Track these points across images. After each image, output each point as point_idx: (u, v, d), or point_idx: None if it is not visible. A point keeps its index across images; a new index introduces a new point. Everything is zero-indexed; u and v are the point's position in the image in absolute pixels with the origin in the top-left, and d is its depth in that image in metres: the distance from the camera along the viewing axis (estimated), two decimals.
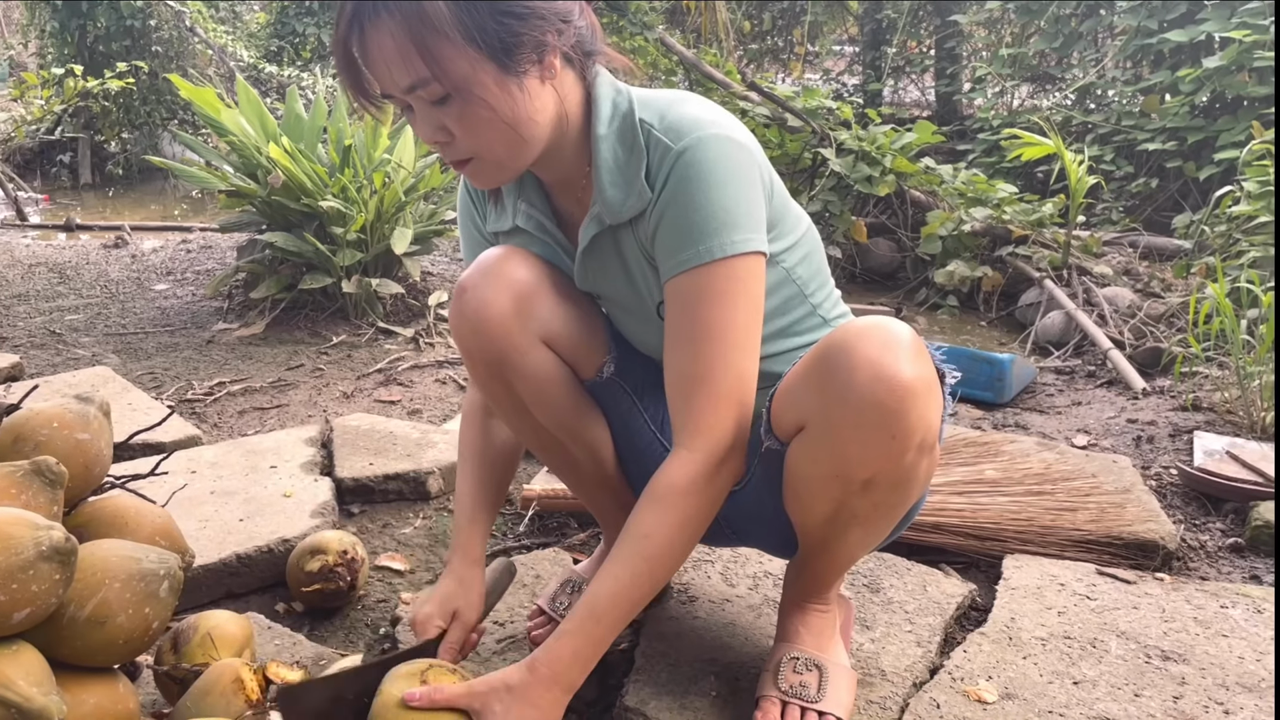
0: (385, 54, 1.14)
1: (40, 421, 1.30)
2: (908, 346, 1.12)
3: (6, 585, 1.07)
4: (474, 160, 1.23)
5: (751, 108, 4.99)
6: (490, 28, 1.13)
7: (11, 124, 6.92)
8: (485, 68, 1.14)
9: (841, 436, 1.15)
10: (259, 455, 2.27)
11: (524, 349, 1.36)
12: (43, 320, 3.81)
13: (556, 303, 1.37)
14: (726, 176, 1.20)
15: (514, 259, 1.35)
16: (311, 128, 3.91)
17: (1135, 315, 3.55)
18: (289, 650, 1.55)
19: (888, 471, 1.17)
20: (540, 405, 1.42)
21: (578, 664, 1.21)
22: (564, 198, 1.38)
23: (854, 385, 1.11)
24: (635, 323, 1.40)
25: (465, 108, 1.16)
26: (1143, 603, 1.69)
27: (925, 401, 1.13)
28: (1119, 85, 6.07)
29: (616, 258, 1.33)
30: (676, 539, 1.23)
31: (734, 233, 1.20)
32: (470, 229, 1.50)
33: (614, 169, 1.26)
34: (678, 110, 1.25)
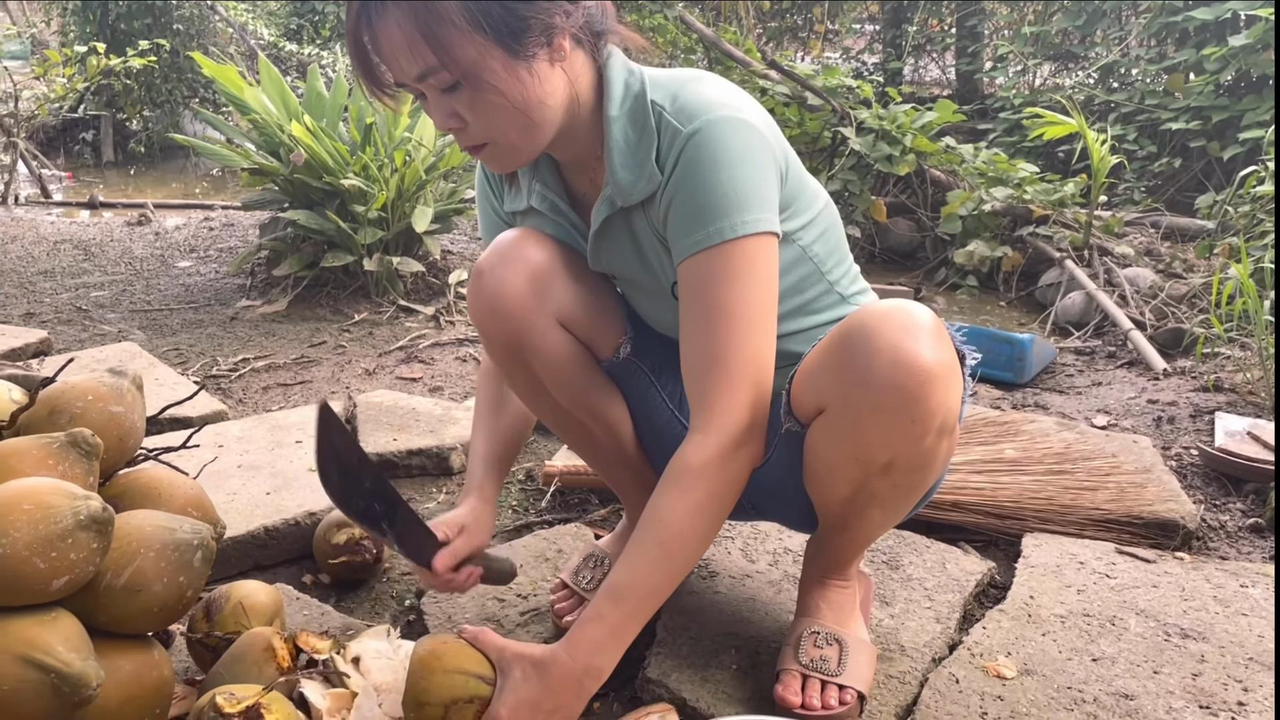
0: (394, 44, 1.14)
1: (75, 394, 1.32)
2: (928, 330, 1.12)
3: (46, 553, 1.09)
4: (488, 145, 1.24)
5: (771, 86, 4.97)
6: (496, 13, 1.13)
7: (35, 102, 6.96)
8: (493, 53, 1.14)
9: (861, 420, 1.15)
10: (284, 430, 2.30)
11: (541, 330, 1.37)
12: (69, 296, 3.85)
13: (572, 284, 1.38)
14: (736, 157, 1.20)
15: (530, 241, 1.36)
16: (333, 106, 3.92)
17: (1157, 296, 3.54)
18: (317, 620, 1.58)
19: (907, 454, 1.18)
20: (558, 385, 1.43)
21: (599, 650, 1.20)
22: (578, 178, 1.39)
23: (874, 369, 1.12)
24: (650, 302, 1.41)
25: (475, 94, 1.17)
26: (1162, 581, 1.70)
27: (945, 385, 1.13)
28: (1143, 64, 6.02)
29: (629, 239, 1.33)
30: (694, 522, 1.22)
31: (745, 213, 1.20)
32: (488, 209, 1.51)
33: (625, 151, 1.26)
34: (690, 91, 1.24)
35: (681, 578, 1.24)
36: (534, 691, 1.19)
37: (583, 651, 1.20)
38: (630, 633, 1.22)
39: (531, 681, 1.20)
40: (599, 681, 1.22)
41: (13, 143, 6.13)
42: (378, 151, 3.64)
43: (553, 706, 1.20)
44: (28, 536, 1.08)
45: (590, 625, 1.21)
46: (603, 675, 1.22)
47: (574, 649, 1.20)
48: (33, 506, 1.09)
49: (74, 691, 1.08)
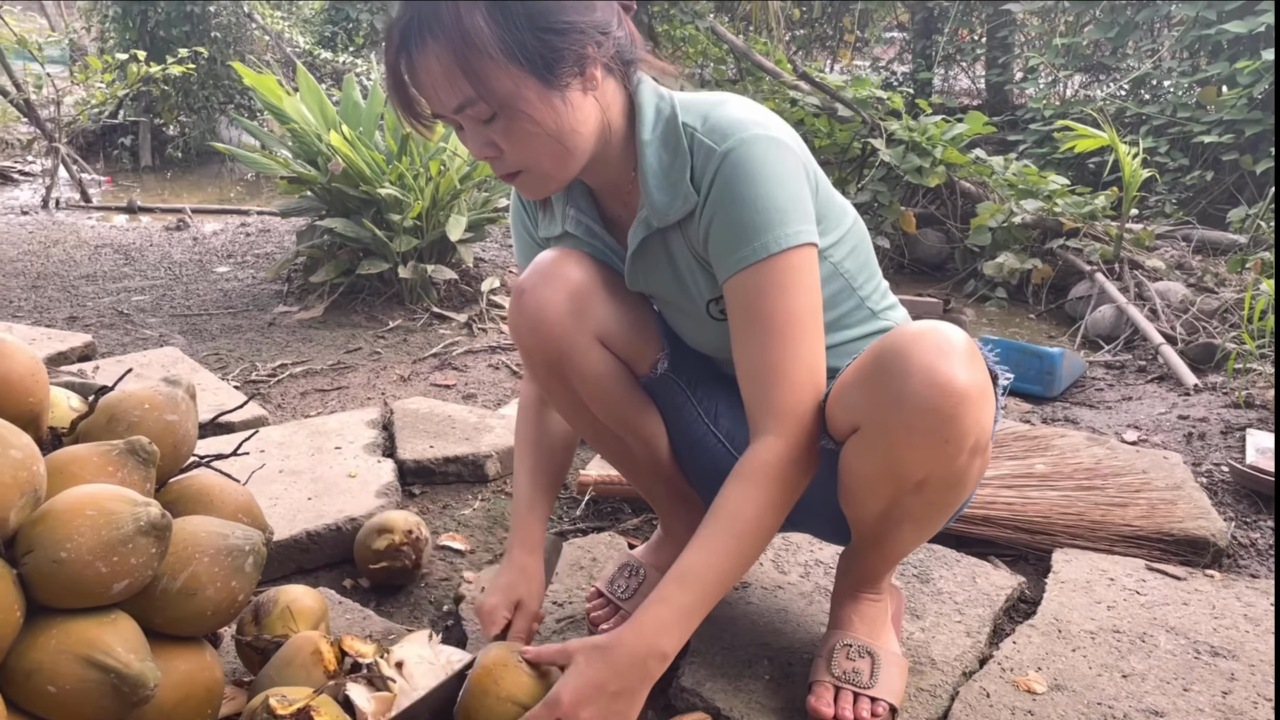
0: (433, 77, 1.18)
1: (133, 403, 1.37)
2: (962, 351, 1.15)
3: (108, 558, 1.13)
4: (523, 173, 1.27)
5: (801, 97, 5.00)
6: (531, 45, 1.17)
7: (76, 107, 7.08)
8: (528, 84, 1.18)
9: (895, 440, 1.18)
10: (323, 436, 2.35)
11: (581, 348, 1.40)
12: (111, 300, 3.93)
13: (611, 303, 1.42)
14: (773, 173, 1.23)
15: (569, 261, 1.40)
16: (369, 115, 3.99)
17: (1188, 310, 3.53)
18: (359, 624, 1.62)
19: (940, 473, 1.20)
20: (597, 401, 1.47)
21: (665, 631, 1.22)
22: (611, 201, 1.43)
23: (908, 391, 1.14)
24: (686, 320, 1.44)
25: (511, 124, 1.20)
26: (1193, 599, 1.71)
27: (978, 406, 1.16)
28: (1175, 76, 5.99)
29: (665, 259, 1.37)
30: (764, 518, 1.25)
31: (786, 226, 1.23)
32: (523, 234, 1.55)
33: (659, 173, 1.30)
34: (719, 112, 1.28)
35: (745, 571, 1.28)
36: (598, 673, 1.21)
37: (648, 632, 1.22)
38: (695, 618, 1.24)
39: (595, 664, 1.21)
40: (664, 664, 1.23)
41: (54, 147, 6.25)
42: (413, 161, 3.69)
43: (618, 688, 1.20)
44: (91, 541, 1.12)
45: (656, 607, 1.23)
46: (667, 659, 1.23)
47: (639, 630, 1.22)
48: (95, 512, 1.14)
49: (133, 691, 1.12)
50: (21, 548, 1.14)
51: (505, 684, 1.25)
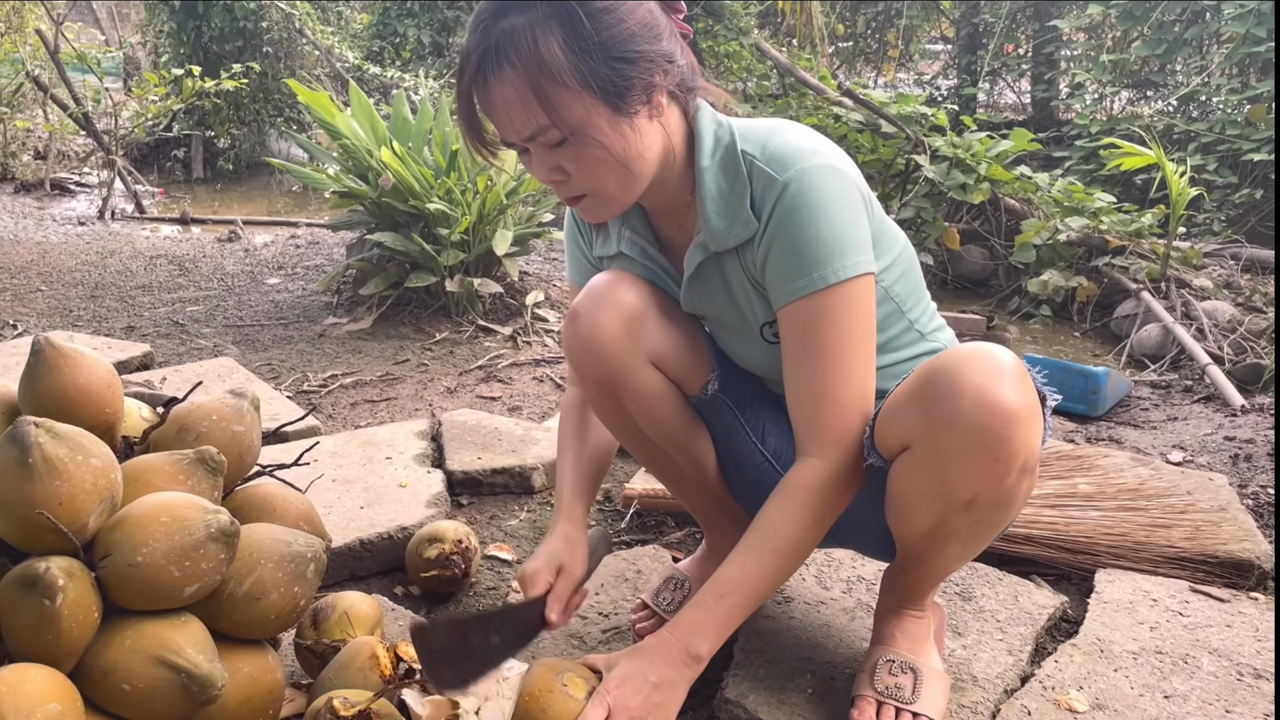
0: (508, 104, 1.22)
1: (201, 414, 1.43)
2: (1012, 373, 1.17)
3: (180, 562, 1.19)
4: (588, 197, 1.31)
5: (845, 113, 5.02)
6: (604, 73, 1.21)
7: (131, 120, 7.27)
8: (599, 111, 1.22)
9: (945, 459, 1.21)
10: (374, 446, 2.40)
11: (634, 369, 1.44)
12: (166, 310, 4.03)
13: (663, 325, 1.46)
14: (833, 204, 1.27)
15: (624, 284, 1.44)
16: (418, 131, 4.06)
17: (1235, 330, 3.50)
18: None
19: (989, 493, 1.23)
20: (648, 421, 1.51)
21: (699, 634, 1.30)
22: (667, 224, 1.46)
23: (959, 411, 1.17)
24: (739, 342, 1.47)
25: (581, 149, 1.24)
26: (1236, 621, 1.71)
27: (1028, 426, 1.18)
28: (1224, 93, 5.94)
29: (721, 282, 1.40)
30: (804, 536, 1.31)
31: (845, 257, 1.27)
32: (576, 253, 1.60)
33: (718, 199, 1.34)
34: (778, 140, 1.31)
35: (780, 584, 1.35)
36: (638, 663, 1.29)
37: (683, 630, 1.30)
38: (730, 626, 1.31)
39: (635, 657, 1.30)
40: (698, 666, 1.31)
41: (111, 159, 6.41)
42: (461, 176, 3.76)
43: (657, 678, 1.28)
44: (165, 546, 1.18)
45: (693, 610, 1.31)
46: (701, 661, 1.31)
47: (675, 628, 1.31)
48: (169, 519, 1.19)
49: (201, 691, 1.17)
50: (100, 551, 1.20)
51: (552, 711, 1.27)
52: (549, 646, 1.65)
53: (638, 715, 1.26)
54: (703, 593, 1.32)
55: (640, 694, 1.27)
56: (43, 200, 6.78)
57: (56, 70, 6.71)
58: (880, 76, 9.30)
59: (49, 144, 7.65)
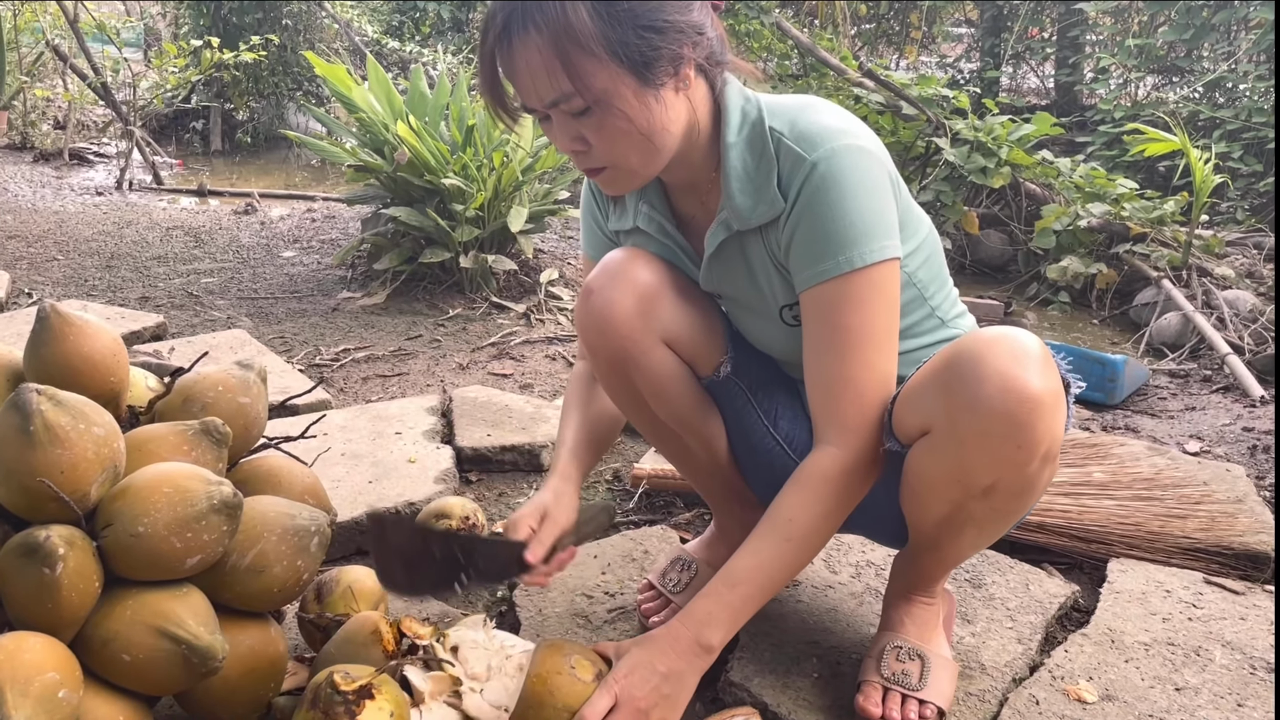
0: (531, 68, 1.19)
1: (207, 385, 1.42)
2: (1037, 358, 1.15)
3: (182, 534, 1.18)
4: (608, 169, 1.28)
5: (866, 94, 4.96)
6: (632, 42, 1.18)
7: (150, 91, 7.26)
8: (625, 81, 1.19)
9: (967, 444, 1.18)
10: (384, 421, 2.40)
11: (646, 349, 1.42)
12: (181, 282, 4.03)
13: (677, 304, 1.43)
14: (861, 187, 1.24)
15: (638, 261, 1.41)
16: (435, 106, 4.04)
17: (1257, 320, 3.46)
18: (417, 606, 1.66)
19: (1010, 480, 1.21)
20: (659, 401, 1.49)
21: (710, 625, 1.28)
22: (686, 200, 1.44)
23: (983, 395, 1.14)
24: (756, 322, 1.45)
25: (604, 119, 1.21)
26: (1250, 614, 1.69)
27: (1052, 413, 1.16)
28: (1251, 80, 5.85)
29: (742, 262, 1.38)
30: (819, 525, 1.29)
31: (871, 241, 1.24)
32: (591, 224, 1.57)
33: (743, 176, 1.31)
34: (808, 118, 1.28)
35: (795, 574, 1.33)
36: (648, 653, 1.27)
37: (694, 620, 1.28)
38: (743, 616, 1.29)
39: (644, 647, 1.28)
40: (709, 657, 1.29)
41: (129, 130, 6.41)
42: (477, 152, 3.74)
43: (666, 668, 1.26)
44: (167, 517, 1.17)
45: (704, 600, 1.29)
46: (713, 651, 1.29)
47: (686, 618, 1.28)
48: (172, 490, 1.19)
49: (202, 662, 1.17)
50: (102, 521, 1.19)
51: (560, 694, 1.26)
52: (555, 627, 1.64)
53: (644, 706, 1.24)
54: (715, 582, 1.29)
55: (648, 684, 1.25)
56: (61, 170, 6.79)
57: (76, 40, 6.70)
58: (903, 59, 9.20)
59: (68, 114, 7.66)
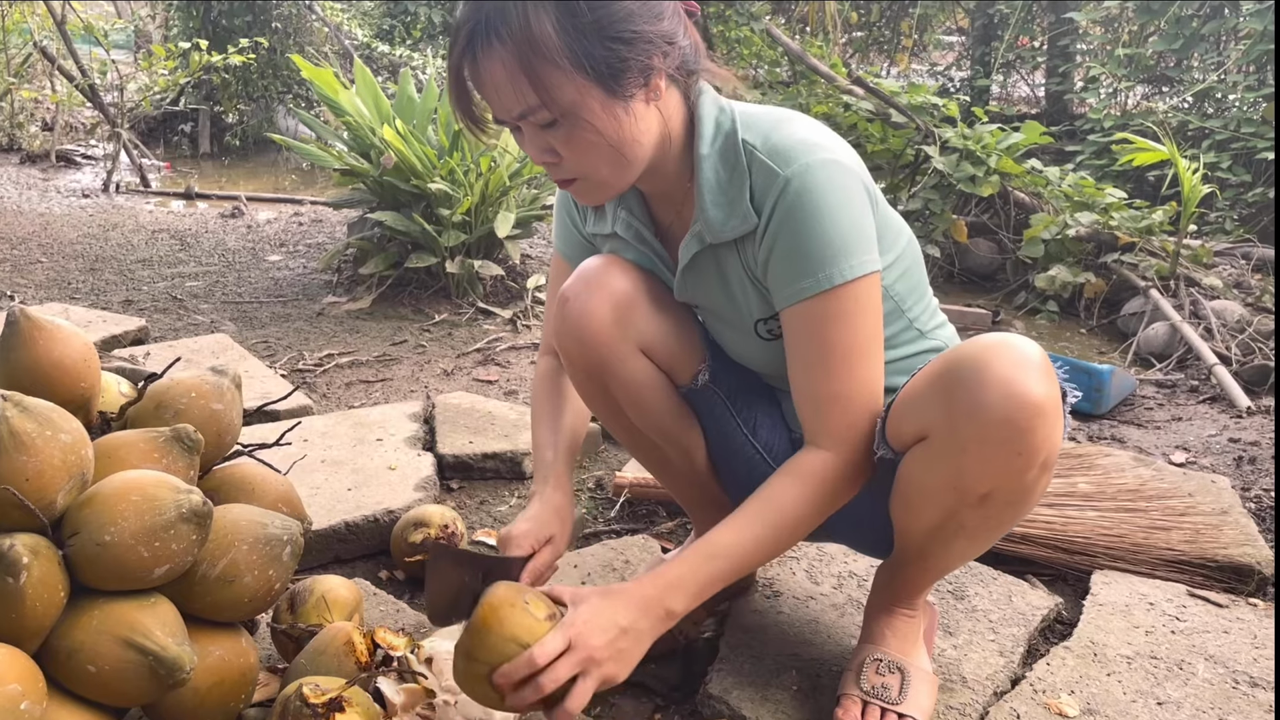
0: (496, 81, 1.17)
1: (180, 391, 1.39)
2: (1039, 365, 1.14)
3: (149, 543, 1.16)
4: (580, 180, 1.27)
5: (855, 102, 4.96)
6: (598, 54, 1.16)
7: (139, 93, 7.23)
8: (592, 93, 1.17)
9: (967, 451, 1.17)
10: (366, 427, 2.38)
11: (623, 357, 1.41)
12: (165, 285, 4.01)
13: (654, 312, 1.42)
14: (837, 202, 1.22)
15: (615, 269, 1.40)
16: (423, 110, 4.02)
17: (1244, 330, 3.46)
18: (393, 617, 1.64)
19: (1007, 488, 1.19)
20: (637, 410, 1.47)
21: (678, 590, 1.23)
22: (663, 209, 1.42)
23: (984, 402, 1.13)
24: (731, 334, 1.44)
25: (572, 131, 1.20)
26: (1234, 627, 1.68)
27: (1052, 421, 1.15)
28: (1240, 90, 5.86)
29: (716, 274, 1.36)
30: (805, 518, 1.27)
31: (850, 257, 1.23)
32: (566, 223, 1.55)
33: (716, 189, 1.29)
34: (781, 132, 1.26)
35: (769, 559, 1.32)
36: (610, 605, 1.20)
37: (664, 581, 1.23)
38: (710, 590, 1.25)
39: (608, 599, 1.21)
40: (670, 622, 1.24)
41: (116, 132, 6.38)
42: (464, 157, 3.72)
43: (627, 624, 1.19)
44: (134, 526, 1.15)
45: (676, 564, 1.24)
46: (674, 617, 1.24)
47: (656, 578, 1.23)
48: (139, 498, 1.16)
49: (169, 674, 1.15)
50: (68, 530, 1.17)
51: (509, 625, 1.18)
52: None
53: (599, 657, 1.17)
54: (693, 551, 1.26)
55: (606, 635, 1.18)
56: (48, 172, 6.75)
57: (63, 41, 6.67)
58: (894, 66, 9.22)
59: (56, 115, 7.62)
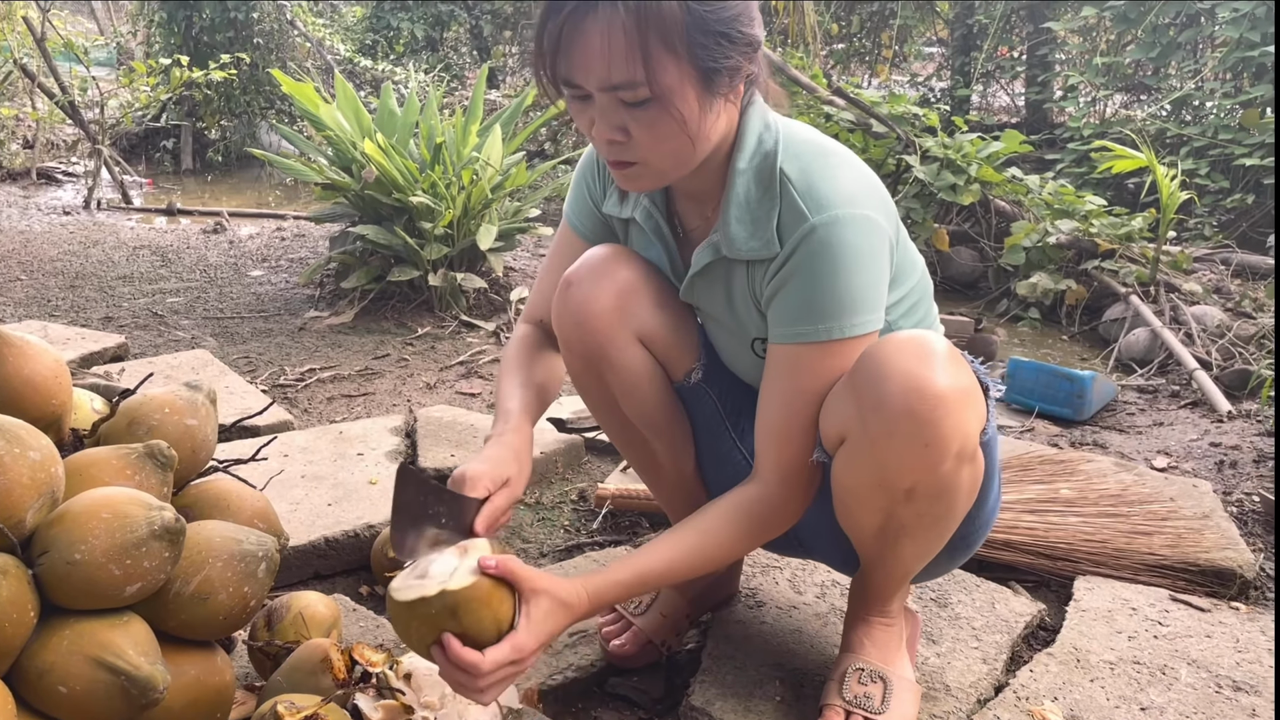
0: (604, 46, 1.13)
1: (153, 407, 1.38)
2: (941, 356, 1.16)
3: (121, 561, 1.14)
4: (638, 165, 1.24)
5: (836, 112, 4.98)
6: (711, 48, 1.16)
7: (120, 110, 7.20)
8: (691, 84, 1.17)
9: (878, 446, 1.19)
10: (347, 442, 2.36)
11: (621, 345, 1.41)
12: (146, 302, 3.98)
13: (655, 305, 1.43)
14: (856, 261, 1.22)
15: (621, 258, 1.41)
16: (404, 124, 4.02)
17: (1224, 335, 3.48)
18: (372, 633, 1.62)
19: (927, 481, 1.20)
20: (630, 399, 1.47)
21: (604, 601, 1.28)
22: (691, 210, 1.41)
23: (886, 395, 1.15)
24: (728, 342, 1.44)
25: (660, 115, 1.18)
26: (1216, 631, 1.68)
27: (960, 410, 1.15)
28: (1217, 97, 5.91)
29: (724, 287, 1.37)
30: (734, 550, 1.34)
31: (855, 315, 1.23)
32: (584, 193, 1.53)
33: (744, 205, 1.28)
34: (821, 173, 1.24)
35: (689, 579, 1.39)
36: (558, 626, 1.23)
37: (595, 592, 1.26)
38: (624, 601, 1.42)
39: (557, 617, 1.22)
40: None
41: (97, 149, 6.35)
42: (446, 170, 3.72)
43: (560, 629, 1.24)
44: (105, 544, 1.13)
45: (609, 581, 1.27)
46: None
47: (595, 601, 1.26)
48: (110, 515, 1.15)
49: (142, 694, 1.13)
50: (38, 548, 1.15)
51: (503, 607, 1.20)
52: None
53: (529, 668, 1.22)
54: (626, 570, 1.28)
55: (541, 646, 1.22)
56: (29, 189, 6.71)
57: (44, 59, 6.64)
58: (874, 77, 9.27)
59: (36, 133, 7.58)
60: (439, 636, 1.17)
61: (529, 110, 5.29)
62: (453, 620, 1.17)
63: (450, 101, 7.86)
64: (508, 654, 1.16)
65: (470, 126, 3.90)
